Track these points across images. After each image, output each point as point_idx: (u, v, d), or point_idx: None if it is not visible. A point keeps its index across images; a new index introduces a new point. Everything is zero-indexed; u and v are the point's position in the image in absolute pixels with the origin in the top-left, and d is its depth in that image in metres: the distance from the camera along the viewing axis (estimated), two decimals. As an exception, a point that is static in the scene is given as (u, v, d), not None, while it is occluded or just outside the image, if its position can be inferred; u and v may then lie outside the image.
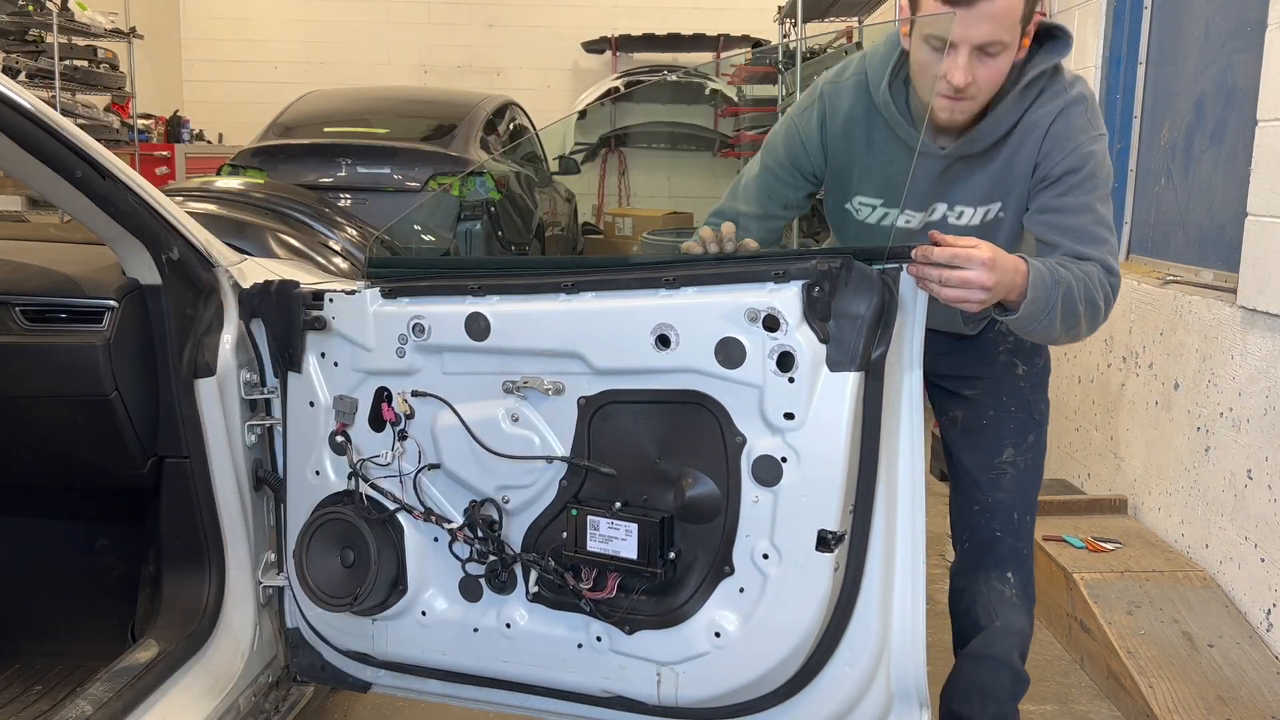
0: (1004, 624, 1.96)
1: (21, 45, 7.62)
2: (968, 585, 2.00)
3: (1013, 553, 1.98)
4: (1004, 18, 1.62)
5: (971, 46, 1.63)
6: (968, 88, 1.67)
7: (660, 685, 1.66)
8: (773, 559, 1.54)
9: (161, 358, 1.88)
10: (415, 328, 1.73)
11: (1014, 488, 1.98)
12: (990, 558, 1.98)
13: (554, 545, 1.69)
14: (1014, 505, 1.98)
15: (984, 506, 1.98)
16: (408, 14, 10.24)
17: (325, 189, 5.21)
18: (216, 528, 1.91)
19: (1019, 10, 1.64)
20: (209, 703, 1.83)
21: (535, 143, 7.01)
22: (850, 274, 1.49)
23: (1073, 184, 1.75)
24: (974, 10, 1.60)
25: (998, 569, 1.98)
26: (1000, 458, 1.98)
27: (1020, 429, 2.00)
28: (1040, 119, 1.78)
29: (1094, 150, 1.76)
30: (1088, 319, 1.68)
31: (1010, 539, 1.98)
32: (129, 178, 1.73)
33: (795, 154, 1.93)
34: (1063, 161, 1.76)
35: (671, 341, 1.56)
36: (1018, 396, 2.01)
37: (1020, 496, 1.99)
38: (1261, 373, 2.63)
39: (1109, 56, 3.73)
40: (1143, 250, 3.66)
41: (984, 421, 2.01)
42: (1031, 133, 1.78)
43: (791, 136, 1.93)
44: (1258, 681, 2.46)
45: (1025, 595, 1.99)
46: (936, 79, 1.68)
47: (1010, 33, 1.64)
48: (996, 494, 1.98)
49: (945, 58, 1.65)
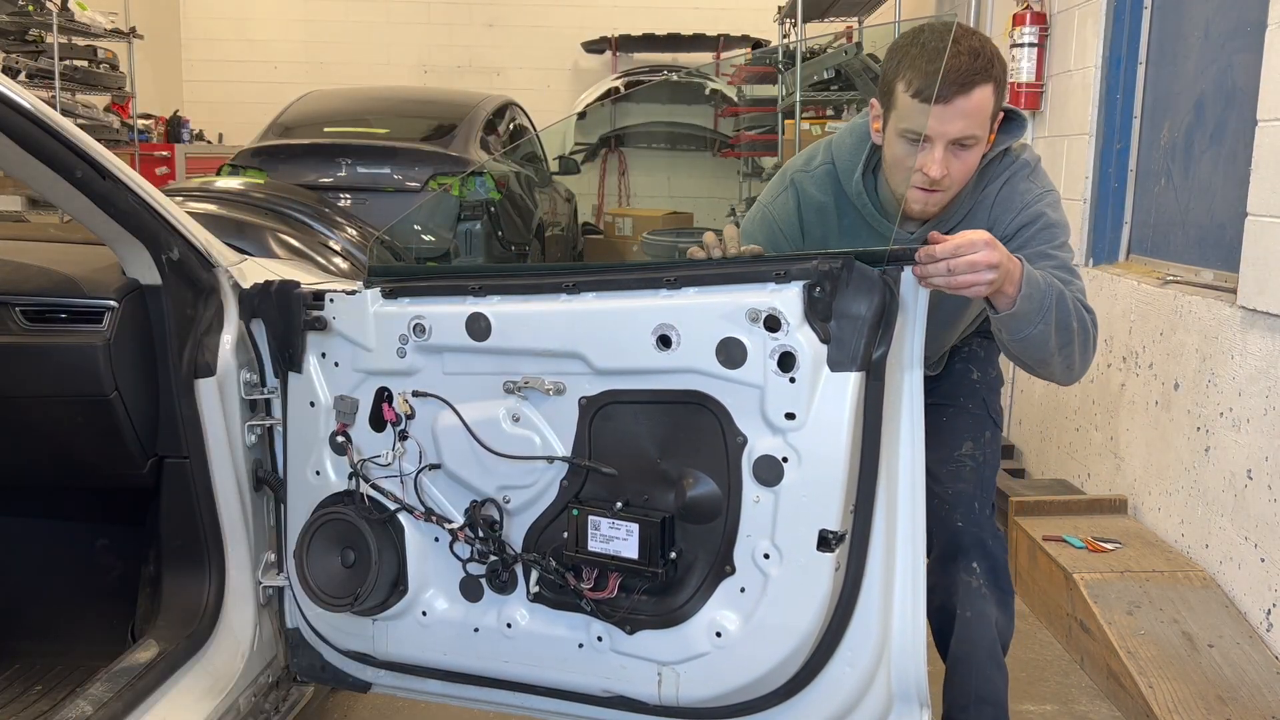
0: (976, 616, 2.00)
1: (21, 45, 7.62)
2: (939, 581, 2.04)
3: (976, 543, 2.02)
4: (977, 114, 1.72)
5: (947, 141, 1.72)
6: (942, 180, 1.75)
7: (661, 685, 1.66)
8: (774, 559, 1.54)
9: (161, 358, 1.88)
10: (416, 328, 1.73)
11: (974, 479, 2.05)
12: (955, 548, 2.03)
13: (555, 545, 1.69)
14: (974, 496, 2.04)
15: (944, 499, 2.03)
16: (408, 14, 10.23)
17: (325, 189, 5.21)
18: (216, 528, 1.91)
19: (990, 106, 1.73)
20: (209, 703, 1.83)
21: (535, 143, 7.01)
22: (851, 274, 1.49)
23: (1028, 236, 1.84)
24: (951, 107, 1.69)
25: (963, 559, 2.02)
26: (960, 450, 2.06)
27: (978, 424, 2.09)
28: (989, 193, 1.88)
29: (1042, 208, 1.86)
30: (1080, 341, 1.73)
31: (972, 529, 2.02)
32: (129, 178, 1.73)
33: (775, 241, 1.99)
34: (1014, 220, 1.85)
35: (672, 342, 1.56)
36: (974, 397, 2.10)
37: (980, 488, 2.05)
38: (1261, 373, 2.63)
39: (1109, 56, 3.73)
40: (1142, 250, 3.66)
41: (943, 419, 2.09)
42: (982, 204, 1.88)
43: (769, 224, 2.00)
44: (1258, 681, 2.46)
45: (995, 586, 2.02)
46: (911, 171, 1.76)
47: (982, 127, 1.74)
48: (957, 484, 2.04)
49: (921, 152, 1.74)
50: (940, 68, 1.66)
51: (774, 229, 1.98)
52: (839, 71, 6.28)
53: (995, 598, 2.01)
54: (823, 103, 6.57)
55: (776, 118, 7.29)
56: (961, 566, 2.01)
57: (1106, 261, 3.78)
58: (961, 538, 2.02)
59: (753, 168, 8.42)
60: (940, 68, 1.66)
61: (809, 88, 6.31)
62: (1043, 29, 4.18)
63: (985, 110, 1.72)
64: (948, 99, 1.68)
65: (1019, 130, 1.90)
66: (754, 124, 8.38)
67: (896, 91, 1.73)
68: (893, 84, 1.74)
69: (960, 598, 2.00)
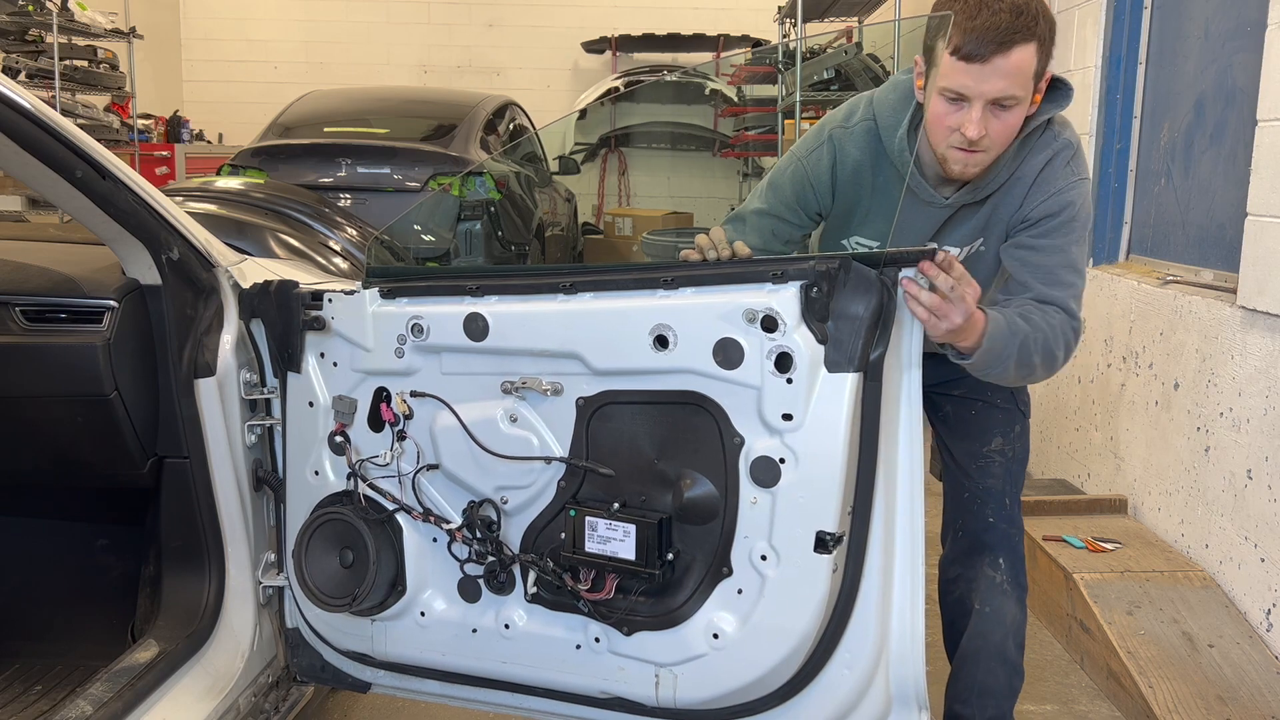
0: (994, 611, 2.00)
1: (21, 45, 7.62)
2: (961, 573, 2.04)
3: (1004, 538, 2.02)
4: (1017, 74, 1.66)
5: (986, 101, 1.67)
6: (980, 140, 1.71)
7: (658, 686, 1.65)
8: (771, 560, 1.54)
9: (161, 358, 1.88)
10: (414, 328, 1.73)
11: (1003, 474, 2.04)
12: (982, 543, 2.03)
13: (552, 546, 1.69)
14: (1005, 492, 2.04)
15: (974, 494, 2.03)
16: (408, 14, 10.24)
17: (325, 189, 5.21)
18: (216, 528, 1.91)
19: (1032, 66, 1.67)
20: (209, 703, 1.83)
21: (535, 143, 7.01)
22: (849, 275, 1.49)
23: (1050, 227, 1.82)
24: (988, 66, 1.64)
25: (989, 554, 2.02)
26: (989, 446, 2.05)
27: (1007, 419, 2.07)
28: (1031, 168, 1.84)
29: (1073, 196, 1.83)
30: (1044, 367, 1.75)
31: (1002, 524, 2.03)
32: (129, 178, 1.73)
33: (804, 196, 1.95)
34: (1043, 205, 1.83)
35: (670, 342, 1.56)
36: (1002, 391, 2.07)
37: (1010, 484, 2.05)
38: (1261, 373, 2.63)
39: (1109, 56, 3.73)
40: (1143, 250, 3.66)
41: (973, 413, 2.08)
42: (1021, 181, 1.85)
43: (800, 178, 1.95)
44: (1258, 681, 2.46)
45: (1016, 583, 2.02)
46: (950, 131, 1.72)
47: (1024, 88, 1.68)
48: (987, 480, 2.04)
49: (959, 112, 1.69)
50: (981, 25, 1.61)
51: (804, 184, 1.94)
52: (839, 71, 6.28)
53: (1015, 595, 2.02)
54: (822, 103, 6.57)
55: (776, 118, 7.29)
56: (987, 562, 2.02)
57: (1107, 261, 3.78)
58: (991, 533, 2.02)
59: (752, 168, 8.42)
60: (981, 25, 1.61)
61: (809, 88, 6.31)
62: (1043, 29, 4.18)
63: (1026, 71, 1.66)
64: (986, 58, 1.63)
65: (1064, 99, 1.83)
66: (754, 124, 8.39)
67: (938, 48, 1.70)
68: (935, 40, 1.71)
69: (981, 593, 2.01)
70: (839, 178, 1.93)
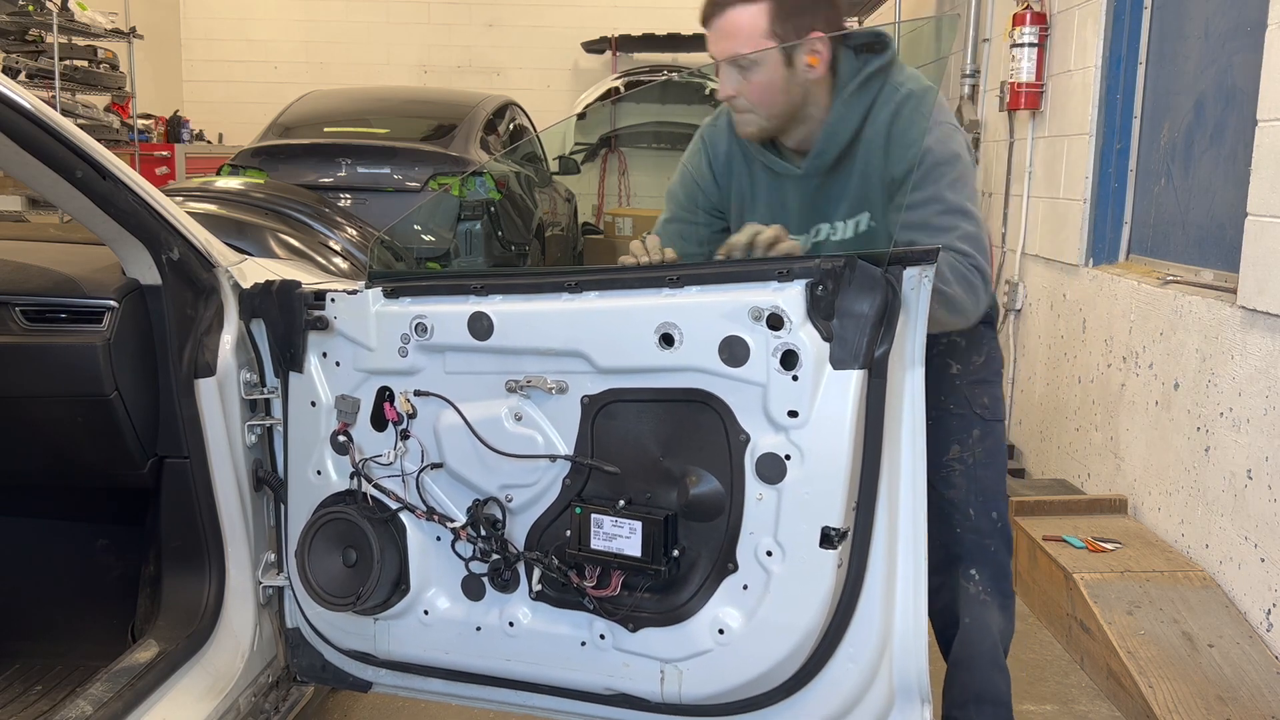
0: (974, 622, 1.98)
1: (21, 45, 7.62)
2: (944, 582, 2.03)
3: (975, 548, 2.00)
4: (738, 34, 1.76)
5: (724, 63, 1.79)
6: (736, 100, 1.81)
7: (664, 683, 1.65)
8: (776, 556, 1.54)
9: (161, 358, 1.88)
10: (418, 327, 1.73)
11: (965, 484, 2.00)
12: (953, 555, 2.01)
13: (557, 543, 1.69)
14: (969, 502, 2.00)
15: (939, 505, 1.99)
16: (408, 14, 10.24)
17: (325, 189, 5.21)
18: (216, 528, 1.91)
19: (759, 26, 1.76)
20: (209, 703, 1.82)
21: (535, 143, 7.01)
22: (854, 273, 1.49)
23: (916, 179, 1.80)
24: (713, 30, 1.79)
25: (962, 565, 2.00)
26: (947, 455, 2.01)
27: (963, 425, 2.02)
28: (879, 126, 1.84)
29: (929, 142, 1.80)
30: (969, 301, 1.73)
31: (970, 535, 2.00)
32: (129, 178, 1.73)
33: (693, 195, 2.02)
34: (903, 159, 1.82)
35: (675, 340, 1.56)
36: (955, 395, 2.02)
37: (975, 493, 2.00)
38: (1261, 373, 2.63)
39: (1109, 56, 3.74)
40: (1143, 250, 3.67)
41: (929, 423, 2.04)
42: (873, 141, 1.85)
43: (687, 180, 2.04)
44: (1258, 681, 2.46)
45: (997, 591, 2.00)
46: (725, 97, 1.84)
47: (752, 46, 1.77)
48: (949, 491, 2.00)
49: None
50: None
51: (692, 185, 2.03)
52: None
53: (997, 603, 2.00)
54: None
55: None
56: (960, 573, 2.00)
57: (1107, 261, 3.78)
58: (958, 545, 2.00)
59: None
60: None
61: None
62: (1043, 29, 4.19)
63: (749, 30, 1.75)
64: (708, 22, 1.79)
65: (873, 57, 1.83)
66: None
67: None
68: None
69: (962, 604, 1.99)
70: (718, 171, 2.00)
